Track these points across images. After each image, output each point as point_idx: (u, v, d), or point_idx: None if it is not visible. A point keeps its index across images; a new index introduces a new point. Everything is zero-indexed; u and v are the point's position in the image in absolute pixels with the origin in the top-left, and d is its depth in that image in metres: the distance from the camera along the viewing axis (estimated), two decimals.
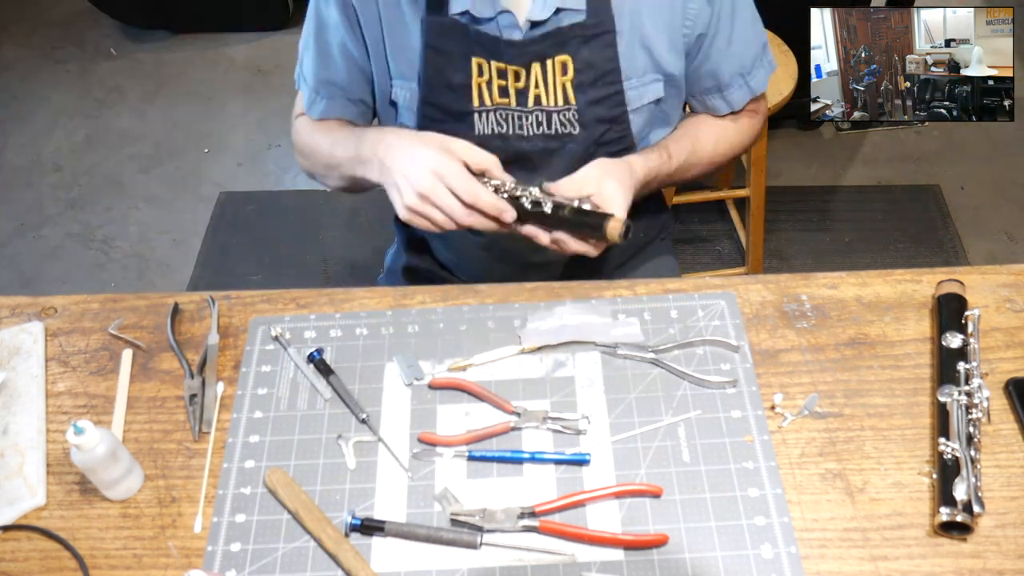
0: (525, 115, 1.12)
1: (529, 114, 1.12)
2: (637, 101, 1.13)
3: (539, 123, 1.12)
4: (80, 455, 0.86)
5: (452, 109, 1.11)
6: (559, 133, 1.13)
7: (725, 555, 0.85)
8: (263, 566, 0.87)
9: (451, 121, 1.12)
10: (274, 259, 2.39)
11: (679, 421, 0.96)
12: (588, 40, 1.07)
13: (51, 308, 1.10)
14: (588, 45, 1.07)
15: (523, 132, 1.13)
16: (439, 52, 1.08)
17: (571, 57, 1.08)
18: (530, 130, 1.13)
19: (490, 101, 1.11)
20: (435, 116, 1.13)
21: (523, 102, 1.11)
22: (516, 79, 1.09)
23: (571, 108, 1.11)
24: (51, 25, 3.17)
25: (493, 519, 0.87)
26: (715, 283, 1.10)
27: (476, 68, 1.09)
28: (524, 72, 1.09)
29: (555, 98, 1.10)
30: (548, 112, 1.11)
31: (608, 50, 1.08)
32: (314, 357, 1.02)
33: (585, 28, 1.06)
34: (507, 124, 1.12)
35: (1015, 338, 1.02)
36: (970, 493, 0.85)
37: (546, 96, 1.10)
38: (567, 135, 1.13)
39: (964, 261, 2.27)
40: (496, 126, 1.12)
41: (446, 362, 1.02)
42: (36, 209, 2.56)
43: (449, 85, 1.10)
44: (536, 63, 1.08)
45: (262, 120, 2.78)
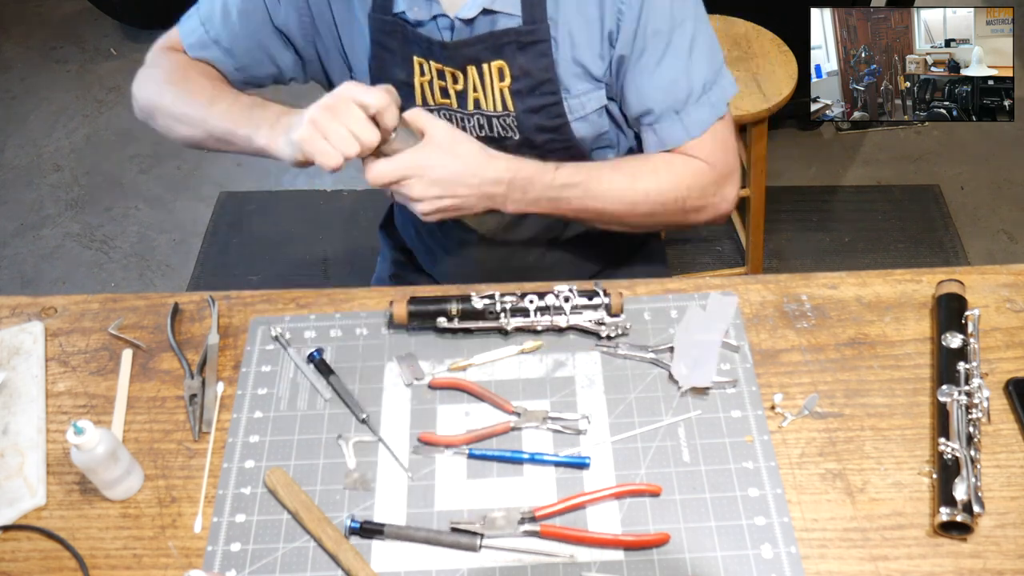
0: (467, 117, 1.12)
1: (470, 116, 1.12)
2: (579, 110, 1.10)
3: (480, 126, 1.12)
4: (80, 455, 0.86)
5: None
6: (500, 137, 1.12)
7: (725, 555, 0.85)
8: (263, 566, 0.87)
9: None
10: (274, 259, 2.39)
11: (679, 421, 0.96)
12: (523, 47, 1.05)
13: (51, 308, 1.10)
14: (524, 52, 1.06)
15: None
16: (384, 48, 1.09)
17: (507, 64, 1.06)
18: (472, 132, 1.12)
19: (432, 101, 1.11)
20: None
21: (463, 104, 1.11)
22: (454, 81, 1.09)
23: (510, 114, 1.10)
24: (51, 25, 3.17)
25: (494, 525, 0.87)
26: (715, 283, 1.10)
27: (418, 67, 1.09)
28: (461, 75, 1.08)
29: (493, 103, 1.10)
30: (488, 116, 1.11)
31: (543, 59, 1.06)
32: (314, 357, 1.02)
33: (520, 35, 1.05)
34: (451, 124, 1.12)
35: (1015, 338, 1.02)
36: (970, 493, 0.85)
37: (485, 101, 1.10)
38: (508, 138, 1.12)
39: (964, 261, 2.27)
40: None
41: (446, 362, 1.02)
42: (36, 209, 2.56)
43: (394, 82, 1.08)
44: (471, 66, 1.07)
45: None
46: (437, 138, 0.98)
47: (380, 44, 1.09)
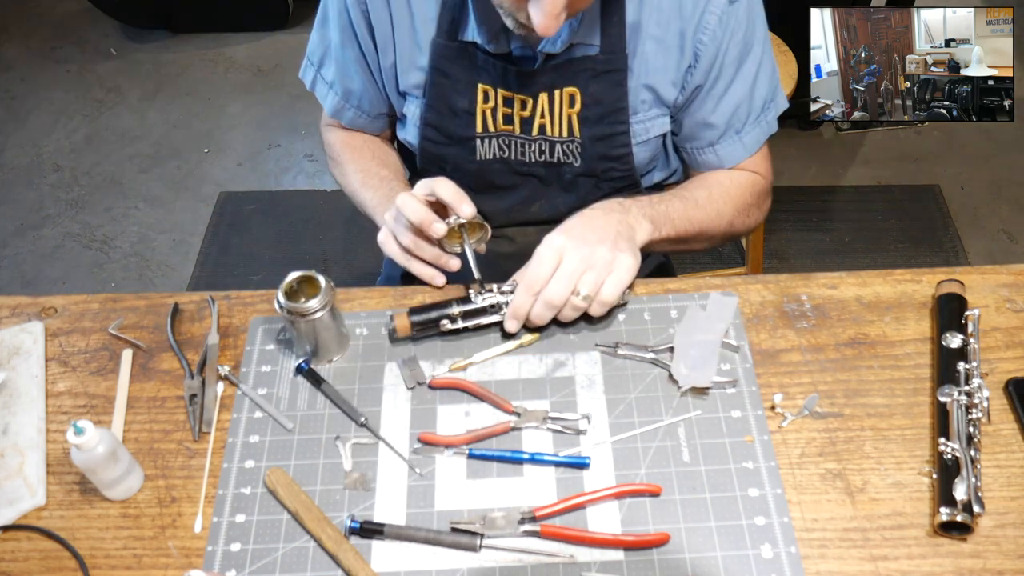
0: (528, 143, 1.11)
1: (532, 142, 1.11)
2: (643, 135, 1.12)
3: (541, 151, 1.11)
4: (80, 455, 0.86)
5: (454, 134, 1.11)
6: (560, 161, 1.12)
7: (725, 555, 0.85)
8: (263, 566, 0.87)
9: (452, 145, 1.12)
10: (274, 259, 2.39)
11: (679, 421, 0.96)
12: (598, 75, 1.06)
13: (51, 308, 1.10)
14: (598, 80, 1.06)
15: (524, 158, 1.12)
16: (445, 76, 1.07)
17: (580, 90, 1.06)
18: (532, 157, 1.12)
19: (494, 128, 1.10)
20: (436, 138, 1.12)
21: (527, 130, 1.10)
22: (522, 108, 1.08)
23: (575, 140, 1.10)
24: (51, 25, 3.18)
25: (494, 526, 0.87)
26: (715, 283, 1.10)
27: (482, 95, 1.08)
28: (531, 101, 1.08)
29: (560, 129, 1.09)
30: (551, 142, 1.10)
31: (618, 89, 1.06)
32: (302, 368, 1.02)
33: (596, 63, 1.05)
34: (509, 150, 1.12)
35: (1015, 338, 1.02)
36: (970, 493, 0.85)
37: (551, 126, 1.09)
38: (568, 165, 1.12)
39: (964, 261, 2.27)
40: (498, 151, 1.12)
41: (446, 362, 1.02)
42: (36, 209, 2.56)
43: (453, 110, 1.09)
44: (544, 93, 1.07)
45: (262, 120, 2.78)
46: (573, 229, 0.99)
47: (441, 71, 1.07)
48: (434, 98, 1.09)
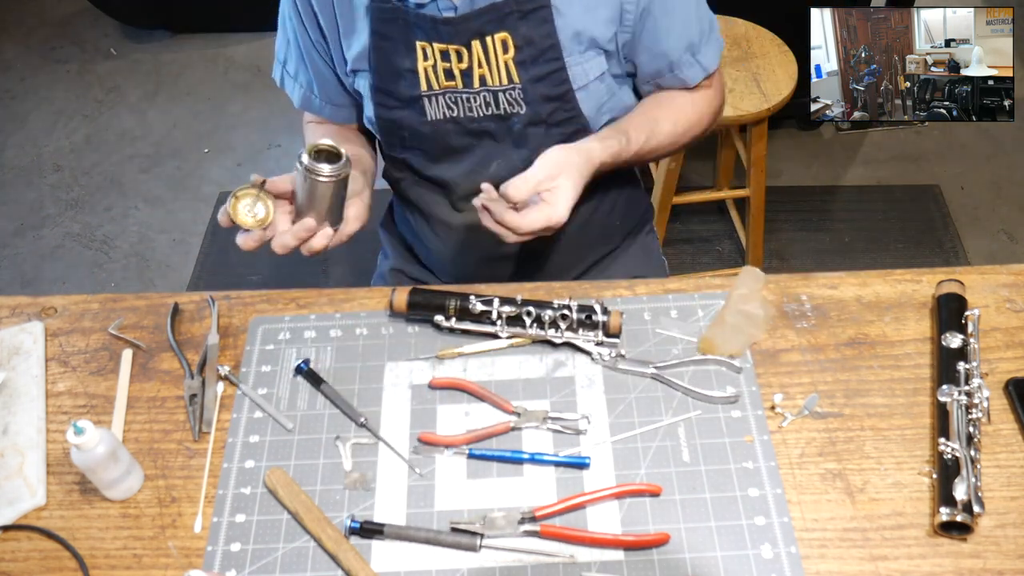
0: (472, 96, 1.13)
1: (476, 95, 1.13)
2: (582, 78, 1.13)
3: (487, 103, 1.13)
4: (80, 455, 0.86)
5: (403, 95, 1.13)
6: (507, 113, 1.14)
7: (725, 555, 0.85)
8: (263, 566, 0.87)
9: (403, 107, 1.14)
10: (274, 259, 2.37)
11: (679, 421, 0.96)
12: (525, 15, 1.07)
13: (51, 308, 1.10)
14: (525, 20, 1.08)
15: (473, 113, 1.14)
16: (384, 38, 1.10)
17: (510, 34, 1.08)
18: (479, 111, 1.14)
19: (437, 84, 1.12)
20: (388, 103, 1.14)
21: (468, 83, 1.12)
22: (459, 59, 1.10)
23: (516, 87, 1.12)
24: (51, 25, 3.17)
25: (494, 526, 0.87)
26: (715, 283, 1.10)
27: (421, 52, 1.10)
28: (465, 51, 1.10)
29: (499, 77, 1.11)
30: (494, 92, 1.12)
31: (546, 25, 1.08)
32: (302, 369, 1.02)
33: (521, 3, 1.07)
34: (457, 107, 1.14)
35: (1015, 338, 1.02)
36: (970, 493, 0.85)
37: (490, 76, 1.11)
38: (515, 114, 1.14)
39: (964, 261, 2.27)
40: (447, 109, 1.14)
41: (445, 361, 1.02)
42: (36, 209, 2.56)
43: (397, 71, 1.11)
44: (476, 41, 1.09)
45: (262, 120, 2.78)
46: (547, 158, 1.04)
47: (380, 34, 1.10)
48: (379, 61, 1.12)
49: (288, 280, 2.32)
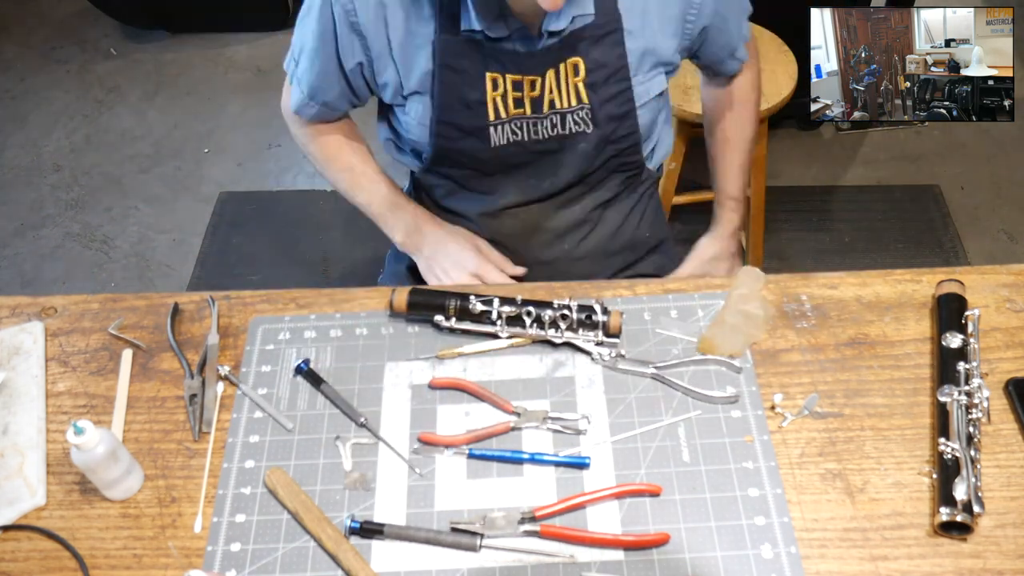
0: (540, 121, 1.12)
1: (544, 119, 1.12)
2: (644, 96, 1.14)
3: (553, 124, 1.12)
4: (80, 455, 0.86)
5: (467, 126, 1.11)
6: (572, 132, 1.13)
7: (725, 555, 0.85)
8: (263, 566, 0.87)
9: (467, 137, 1.12)
10: (274, 259, 2.39)
11: (679, 421, 0.96)
12: (597, 40, 1.07)
13: (51, 308, 1.10)
14: (598, 45, 1.07)
15: (538, 136, 1.13)
16: (453, 71, 1.07)
17: (582, 59, 1.08)
18: (544, 133, 1.13)
19: (505, 113, 1.10)
20: (450, 134, 1.12)
21: (538, 109, 1.11)
22: (531, 88, 1.09)
23: (584, 107, 1.11)
24: (51, 25, 3.17)
25: (494, 526, 0.87)
26: (715, 283, 1.10)
27: (491, 83, 1.08)
28: (539, 80, 1.09)
29: (568, 100, 1.11)
30: (562, 114, 1.12)
31: (617, 48, 1.09)
32: (301, 369, 1.02)
33: (595, 29, 1.07)
34: (522, 132, 1.12)
35: (1015, 338, 1.02)
36: (970, 493, 0.85)
37: (560, 99, 1.10)
38: (580, 133, 1.13)
39: (964, 261, 2.27)
40: (511, 135, 1.12)
41: (445, 361, 1.02)
42: (36, 209, 2.56)
43: (465, 103, 1.09)
44: (551, 70, 1.08)
45: (262, 120, 2.78)
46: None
47: (449, 67, 1.07)
48: (444, 95, 1.09)
49: (288, 280, 2.32)
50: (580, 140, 1.14)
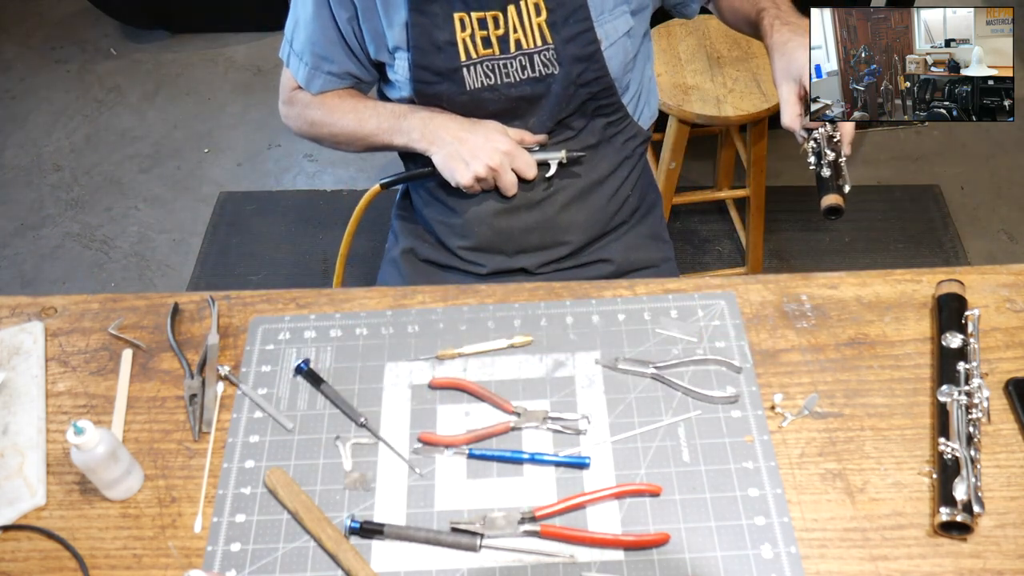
0: (509, 61, 1.16)
1: (512, 60, 1.16)
2: (610, 36, 1.17)
3: (523, 67, 1.16)
4: (80, 455, 0.86)
5: (441, 68, 1.15)
6: (542, 75, 1.17)
7: (725, 555, 0.85)
8: (263, 566, 0.87)
9: (442, 80, 1.16)
10: (274, 259, 2.38)
11: (679, 421, 0.96)
12: None
13: (51, 308, 1.10)
14: None
15: (510, 79, 1.17)
16: (423, 14, 1.12)
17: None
18: (516, 75, 1.17)
19: (475, 53, 1.15)
20: (427, 78, 1.17)
21: (505, 48, 1.15)
22: (496, 26, 1.14)
23: (549, 47, 1.15)
24: (51, 25, 3.17)
25: (494, 526, 0.87)
26: (715, 283, 1.10)
27: (459, 23, 1.13)
28: (502, 16, 1.13)
29: (533, 39, 1.15)
30: (529, 54, 1.16)
31: None
32: (301, 369, 1.02)
33: None
34: (494, 74, 1.16)
35: (1015, 338, 1.02)
36: (970, 493, 0.85)
37: (525, 39, 1.15)
38: (550, 75, 1.17)
39: (964, 261, 2.27)
40: (484, 78, 1.16)
41: (445, 361, 1.02)
42: (36, 209, 2.56)
43: (436, 45, 1.14)
44: (511, 5, 1.13)
45: (262, 120, 2.78)
46: None
47: (419, 10, 1.12)
48: (418, 37, 1.14)
49: (288, 280, 2.32)
50: (551, 81, 1.17)
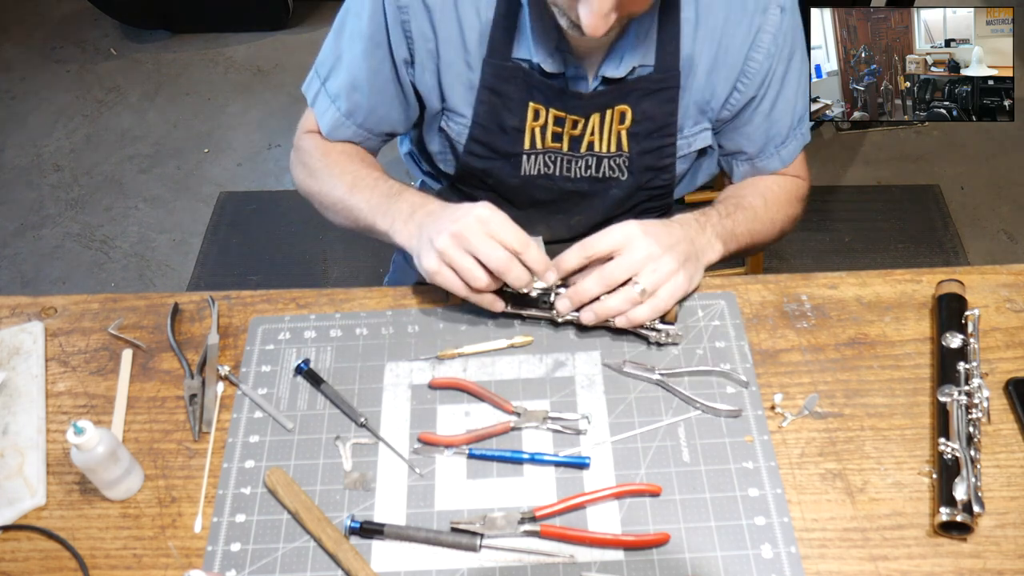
0: (575, 159, 1.10)
1: (580, 158, 1.10)
2: (685, 149, 1.13)
3: (588, 166, 1.11)
4: (80, 455, 0.86)
5: (501, 150, 1.10)
6: (606, 177, 1.12)
7: (725, 555, 0.85)
8: (263, 566, 0.87)
9: (498, 159, 1.11)
10: (274, 259, 2.39)
11: (679, 421, 0.96)
12: (651, 93, 1.05)
13: (51, 308, 1.10)
14: (650, 98, 1.06)
15: (570, 174, 1.12)
16: (496, 94, 1.06)
17: (631, 108, 1.06)
18: (578, 172, 1.11)
19: (541, 144, 1.09)
20: (482, 153, 1.11)
21: (575, 148, 1.10)
22: (573, 127, 1.08)
23: (623, 155, 1.10)
24: (51, 25, 3.18)
25: (494, 526, 0.87)
26: (715, 283, 1.10)
27: (532, 113, 1.07)
28: (583, 121, 1.07)
29: (608, 145, 1.09)
30: (599, 157, 1.10)
31: (669, 104, 1.07)
32: (301, 369, 1.01)
33: (651, 81, 1.05)
34: (555, 166, 1.11)
35: (1015, 338, 1.02)
36: (970, 493, 0.85)
37: (599, 143, 1.09)
38: (614, 179, 1.12)
39: (964, 261, 2.27)
40: (543, 167, 1.11)
41: (445, 361, 1.02)
42: (36, 209, 2.56)
43: (502, 127, 1.08)
44: (596, 114, 1.07)
45: (262, 120, 2.78)
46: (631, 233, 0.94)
47: (493, 90, 1.05)
48: (483, 116, 1.07)
49: (288, 280, 2.32)
50: (613, 186, 1.12)
